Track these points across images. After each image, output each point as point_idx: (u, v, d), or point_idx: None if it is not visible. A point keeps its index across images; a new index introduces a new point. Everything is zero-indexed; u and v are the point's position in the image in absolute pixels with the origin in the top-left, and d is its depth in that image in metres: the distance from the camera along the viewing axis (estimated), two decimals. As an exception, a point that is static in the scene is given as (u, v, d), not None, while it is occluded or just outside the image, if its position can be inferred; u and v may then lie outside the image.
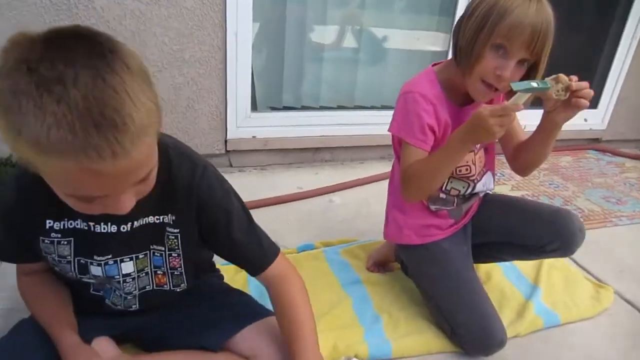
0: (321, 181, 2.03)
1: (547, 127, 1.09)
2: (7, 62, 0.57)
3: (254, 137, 2.10)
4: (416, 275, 1.30)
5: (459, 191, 1.22)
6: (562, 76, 0.97)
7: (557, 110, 1.03)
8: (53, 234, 0.82)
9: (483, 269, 1.44)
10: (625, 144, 2.86)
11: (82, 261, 0.85)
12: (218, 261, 1.07)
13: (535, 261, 1.52)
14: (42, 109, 0.55)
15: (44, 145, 0.56)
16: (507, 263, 1.47)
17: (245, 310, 0.99)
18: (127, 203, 0.68)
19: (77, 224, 0.82)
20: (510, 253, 1.31)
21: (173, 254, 0.89)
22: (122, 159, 0.59)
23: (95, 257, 0.85)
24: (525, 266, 1.49)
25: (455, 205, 1.24)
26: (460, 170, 1.19)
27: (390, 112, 1.16)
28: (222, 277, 1.15)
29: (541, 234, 1.18)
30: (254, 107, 2.13)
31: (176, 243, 0.88)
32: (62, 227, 0.82)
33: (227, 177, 0.92)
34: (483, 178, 1.25)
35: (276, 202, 1.83)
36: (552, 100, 1.00)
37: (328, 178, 2.08)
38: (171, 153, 0.82)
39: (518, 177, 2.25)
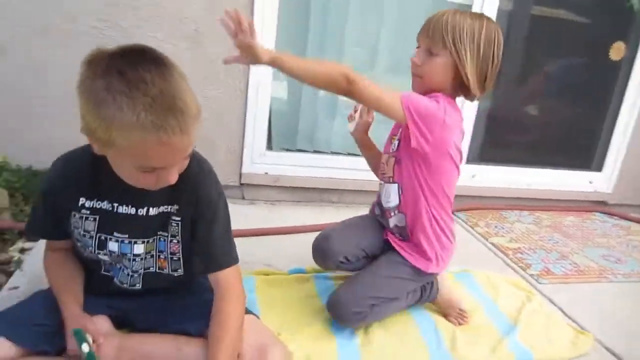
0: (325, 220, 2.15)
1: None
2: (96, 68, 0.80)
3: (266, 173, 2.27)
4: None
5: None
6: None
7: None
8: (83, 211, 1.01)
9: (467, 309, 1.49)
10: (632, 208, 2.88)
11: (102, 237, 1.02)
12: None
13: (518, 303, 1.58)
14: (133, 100, 0.78)
15: (135, 126, 0.78)
16: (488, 302, 1.55)
17: None
18: (174, 175, 0.90)
19: (104, 205, 1.00)
20: None
21: (174, 240, 1.05)
22: (185, 135, 0.83)
23: (115, 234, 1.01)
24: (506, 306, 1.54)
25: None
26: (382, 166, 1.43)
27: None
28: None
29: None
30: (269, 146, 2.32)
31: (177, 230, 1.04)
32: (91, 205, 1.00)
33: (238, 208, 1.12)
34: (388, 188, 1.38)
35: (277, 232, 1.96)
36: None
37: (332, 217, 2.20)
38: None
39: (517, 231, 2.31)
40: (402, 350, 1.29)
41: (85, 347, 0.93)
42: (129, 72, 0.79)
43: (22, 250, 1.60)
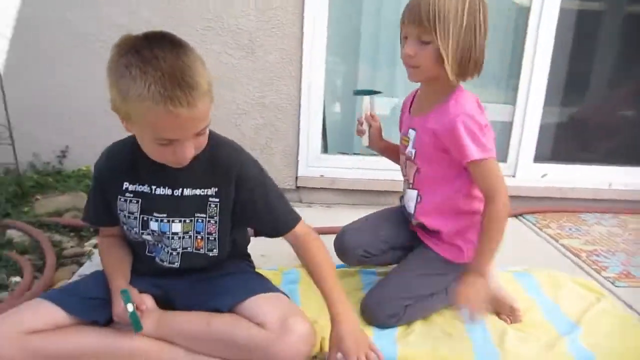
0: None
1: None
2: (121, 49, 0.91)
3: (321, 176, 2.30)
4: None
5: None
6: None
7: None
8: (127, 194, 1.11)
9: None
10: None
11: (144, 218, 1.11)
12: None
13: (585, 304, 1.43)
14: (146, 74, 0.87)
15: (145, 96, 0.87)
16: (548, 302, 1.42)
17: (258, 285, 1.16)
18: (189, 150, 0.97)
19: (144, 188, 1.10)
20: None
21: (211, 221, 1.12)
22: (193, 108, 0.89)
23: (154, 214, 1.11)
24: (570, 308, 1.41)
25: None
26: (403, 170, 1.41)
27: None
28: (253, 266, 1.33)
29: None
30: (325, 149, 2.35)
31: (215, 211, 1.11)
32: (134, 189, 1.11)
33: (296, 210, 1.19)
34: (408, 192, 1.37)
35: (329, 231, 1.96)
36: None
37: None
38: (218, 140, 1.12)
39: (595, 233, 2.10)
40: (443, 344, 1.22)
41: (130, 307, 1.03)
42: (145, 51, 0.89)
43: (95, 246, 1.77)
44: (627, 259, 1.84)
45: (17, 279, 1.51)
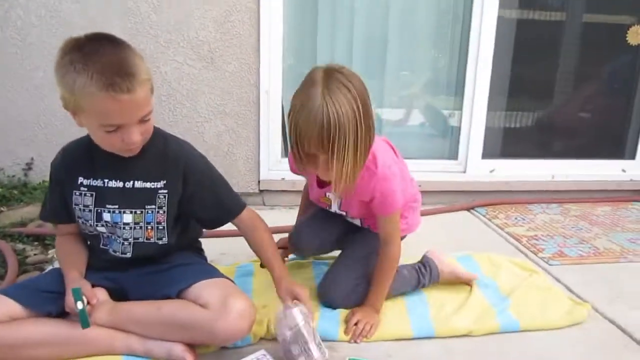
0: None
1: None
2: (65, 49, 1.02)
3: (283, 178, 2.41)
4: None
5: None
6: None
7: None
8: (82, 188, 1.19)
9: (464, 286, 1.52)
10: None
11: (98, 210, 1.19)
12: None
13: (518, 280, 1.56)
14: (88, 66, 0.98)
15: (89, 85, 0.97)
16: (486, 281, 1.55)
17: (204, 272, 1.23)
18: (135, 135, 1.06)
19: (98, 182, 1.19)
20: None
21: (160, 211, 1.20)
22: (132, 93, 1.00)
23: (107, 206, 1.18)
24: (504, 284, 1.54)
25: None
26: None
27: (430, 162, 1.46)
28: (204, 257, 1.41)
29: None
30: (285, 153, 2.46)
31: (164, 202, 1.20)
32: (88, 183, 1.19)
33: (260, 214, 1.31)
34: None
35: (287, 230, 2.06)
36: None
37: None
38: (166, 135, 1.23)
39: (539, 221, 2.25)
40: (384, 322, 1.32)
41: (79, 305, 1.09)
42: (87, 47, 1.01)
43: (58, 253, 1.83)
44: (563, 242, 2.00)
45: (-21, 285, 1.55)
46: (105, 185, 1.19)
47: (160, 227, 1.22)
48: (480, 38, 2.39)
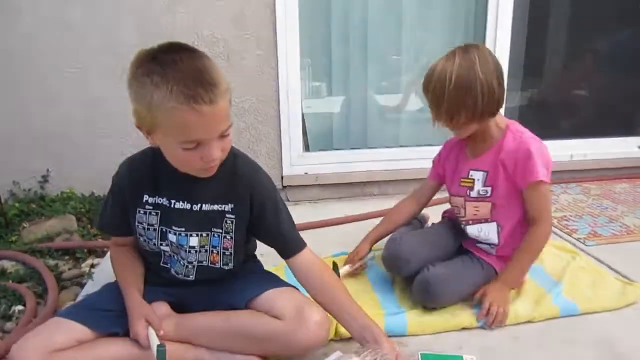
0: (367, 210, 2.22)
1: None
2: (138, 62, 0.95)
3: (305, 173, 2.39)
4: None
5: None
6: None
7: None
8: (147, 206, 1.14)
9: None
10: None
11: (163, 229, 1.14)
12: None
13: (563, 263, 1.58)
14: (167, 77, 0.90)
15: (169, 98, 0.90)
16: (533, 265, 1.55)
17: (270, 281, 1.21)
18: (216, 151, 0.98)
19: (163, 201, 1.13)
20: None
21: (227, 237, 1.15)
22: (215, 105, 0.92)
23: (173, 227, 1.13)
24: (551, 268, 1.55)
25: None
26: (455, 209, 1.47)
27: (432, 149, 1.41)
28: (261, 265, 1.37)
29: None
30: (307, 148, 2.44)
31: (231, 227, 1.14)
32: (153, 201, 1.13)
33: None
34: (481, 225, 1.42)
35: (320, 225, 2.06)
36: None
37: (375, 209, 2.26)
38: (238, 154, 1.14)
39: (563, 202, 2.28)
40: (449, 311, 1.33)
41: None
42: (162, 56, 0.93)
43: (92, 266, 1.79)
44: (593, 221, 2.02)
45: (20, 307, 1.49)
46: (172, 205, 1.12)
47: (227, 253, 1.17)
48: (498, 20, 2.38)
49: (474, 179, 1.39)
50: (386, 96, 2.58)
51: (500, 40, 2.41)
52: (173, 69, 0.91)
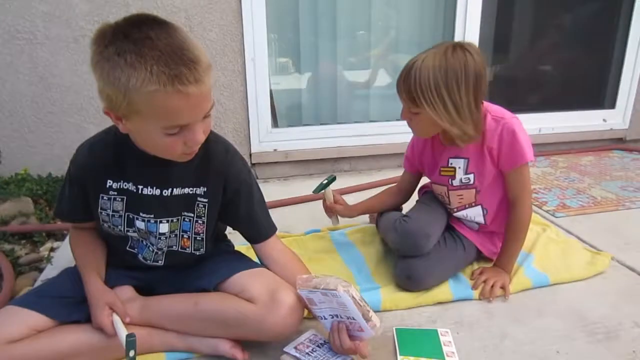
0: (338, 187, 2.18)
1: None
2: (103, 39, 0.82)
3: (275, 150, 2.32)
4: None
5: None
6: None
7: None
8: (111, 192, 1.05)
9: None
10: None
11: (130, 216, 1.06)
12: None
13: (533, 235, 1.58)
14: (143, 57, 0.80)
15: (150, 80, 0.79)
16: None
17: (241, 262, 1.15)
18: (200, 134, 0.90)
19: (129, 186, 1.04)
20: None
21: (199, 221, 1.09)
22: (200, 85, 0.83)
23: (141, 214, 1.06)
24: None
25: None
26: (439, 196, 1.44)
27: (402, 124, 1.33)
28: (232, 246, 1.31)
29: None
30: (275, 123, 2.36)
31: (203, 211, 1.08)
32: (118, 186, 1.04)
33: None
34: (466, 210, 1.39)
35: (290, 202, 2.01)
36: None
37: (346, 184, 2.23)
38: (211, 137, 1.03)
39: (532, 174, 2.28)
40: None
41: (131, 353, 0.94)
42: (134, 33, 0.81)
43: (52, 250, 1.69)
44: (562, 193, 2.05)
45: (-28, 292, 1.42)
46: (140, 191, 1.04)
47: (199, 239, 1.11)
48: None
49: (454, 167, 1.34)
50: (355, 72, 2.52)
51: (470, 14, 2.37)
52: (149, 46, 0.80)
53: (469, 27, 2.39)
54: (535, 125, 2.62)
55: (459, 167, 1.33)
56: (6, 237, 1.74)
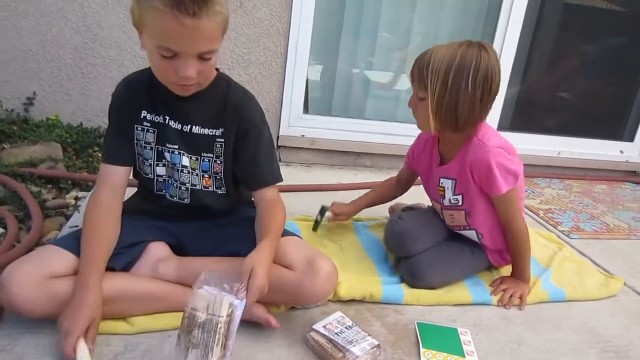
0: (358, 181, 2.22)
1: None
2: None
3: (302, 135, 2.35)
4: None
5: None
6: None
7: None
8: (145, 123, 1.14)
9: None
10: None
11: (159, 149, 1.14)
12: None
13: (550, 253, 1.64)
14: None
15: (157, 2, 0.88)
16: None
17: None
18: (191, 68, 0.95)
19: (159, 119, 1.13)
20: None
21: (217, 161, 1.15)
22: (198, 19, 0.89)
23: (167, 145, 1.14)
24: (539, 255, 1.61)
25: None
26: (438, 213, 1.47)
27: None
28: None
29: None
30: (306, 109, 2.40)
31: (220, 151, 1.14)
32: (152, 118, 1.13)
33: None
34: (461, 231, 1.42)
35: (314, 189, 2.05)
36: None
37: (366, 180, 2.26)
38: (232, 83, 1.15)
39: (547, 194, 2.36)
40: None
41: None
42: None
43: (77, 198, 1.72)
44: (576, 216, 2.10)
45: (0, 230, 1.44)
46: (167, 122, 1.13)
47: (218, 177, 1.17)
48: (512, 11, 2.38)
49: (444, 187, 1.36)
50: (389, 73, 2.57)
51: (509, 35, 2.41)
52: None
53: (506, 49, 2.44)
54: (555, 147, 2.68)
55: (448, 188, 1.36)
56: (34, 179, 1.77)
